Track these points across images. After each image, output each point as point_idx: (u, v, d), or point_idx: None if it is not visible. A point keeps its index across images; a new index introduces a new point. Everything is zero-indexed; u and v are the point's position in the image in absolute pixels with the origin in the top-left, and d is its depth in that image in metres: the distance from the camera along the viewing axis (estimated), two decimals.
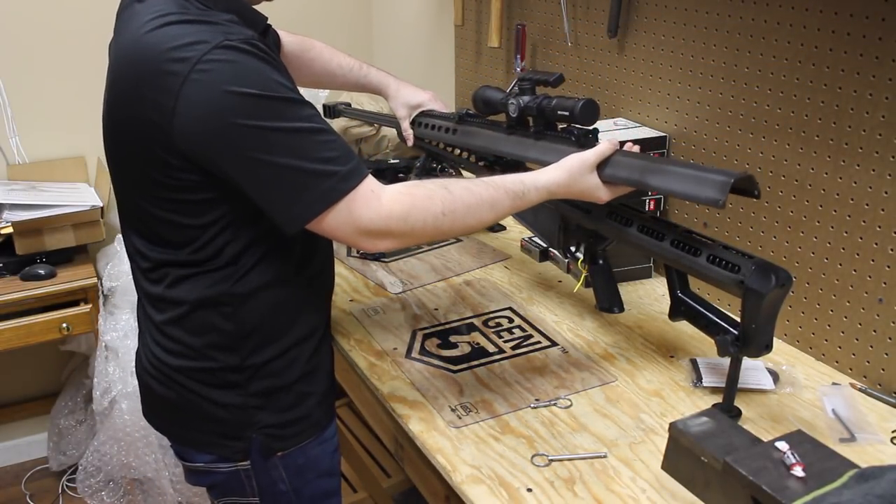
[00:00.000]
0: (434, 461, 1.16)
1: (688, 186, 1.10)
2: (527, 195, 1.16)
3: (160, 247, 1.15)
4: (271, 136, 1.01)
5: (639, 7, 1.65)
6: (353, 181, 1.04)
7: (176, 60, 1.00)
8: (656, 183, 1.14)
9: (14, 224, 2.15)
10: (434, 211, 1.08)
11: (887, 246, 1.24)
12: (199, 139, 1.01)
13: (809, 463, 0.87)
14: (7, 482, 2.64)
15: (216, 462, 1.24)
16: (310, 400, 1.25)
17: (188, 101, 0.99)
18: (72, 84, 2.43)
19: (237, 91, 0.99)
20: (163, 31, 1.02)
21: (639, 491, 1.07)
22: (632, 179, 1.17)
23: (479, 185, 1.14)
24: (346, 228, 1.05)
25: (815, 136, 1.32)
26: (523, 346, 1.43)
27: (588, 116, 1.24)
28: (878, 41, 1.20)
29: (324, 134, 1.04)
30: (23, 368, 2.64)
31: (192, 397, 1.20)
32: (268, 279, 1.17)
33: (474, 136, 1.45)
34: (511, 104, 1.35)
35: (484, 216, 1.13)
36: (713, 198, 1.06)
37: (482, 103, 1.44)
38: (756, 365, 1.31)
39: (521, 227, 1.77)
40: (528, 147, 1.33)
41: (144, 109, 1.03)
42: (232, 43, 1.01)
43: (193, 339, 1.17)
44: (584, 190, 1.19)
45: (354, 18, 2.85)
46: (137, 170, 1.10)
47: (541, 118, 1.32)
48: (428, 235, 1.11)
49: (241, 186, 1.05)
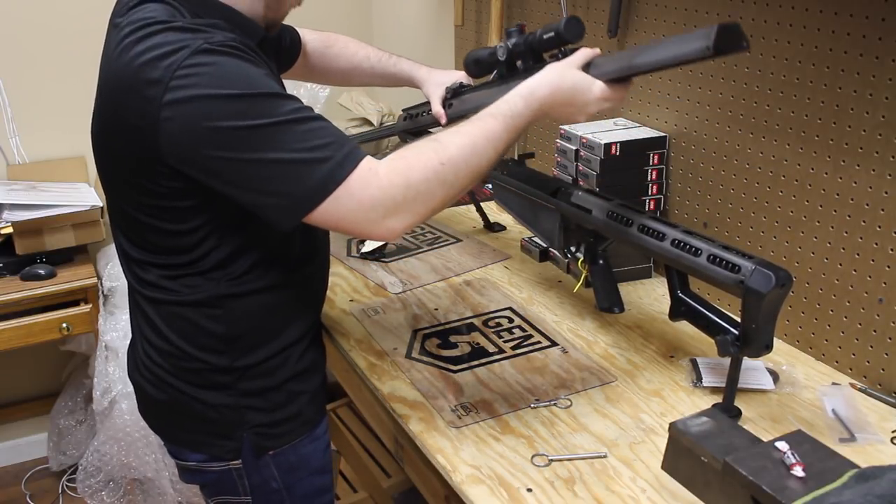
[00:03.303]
0: (434, 461, 1.16)
1: (674, 49, 1.04)
2: (515, 110, 1.08)
3: (147, 251, 1.15)
4: (257, 134, 0.98)
5: (639, 7, 1.65)
6: (350, 165, 1.00)
7: (157, 68, 0.98)
8: (645, 60, 1.08)
9: (14, 224, 2.15)
10: (432, 165, 1.02)
11: (887, 246, 1.24)
12: (186, 146, 1.00)
13: (809, 463, 0.87)
14: (7, 482, 2.64)
15: (208, 461, 1.24)
16: (301, 398, 1.25)
17: (171, 108, 0.98)
18: (72, 84, 2.43)
19: (218, 94, 0.98)
20: (147, 40, 1.01)
21: (639, 491, 1.07)
22: (621, 67, 1.11)
23: (466, 124, 1.08)
24: (352, 215, 1.01)
25: (815, 136, 1.32)
26: (523, 346, 1.43)
27: (573, 32, 1.19)
28: (878, 41, 1.20)
29: (312, 122, 1.01)
30: (23, 368, 2.64)
31: (182, 398, 1.20)
32: (262, 284, 1.16)
33: (468, 102, 1.43)
34: (500, 48, 1.31)
35: (483, 150, 1.05)
36: (702, 45, 1.00)
37: (473, 65, 1.40)
38: (756, 365, 1.31)
39: (521, 227, 1.77)
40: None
41: (130, 118, 1.02)
42: (211, 46, 0.99)
43: (183, 341, 1.17)
44: (575, 86, 1.11)
45: (354, 18, 2.85)
46: (124, 176, 1.10)
47: (530, 54, 1.27)
48: (437, 195, 1.03)
49: (228, 190, 1.02)
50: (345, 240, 1.89)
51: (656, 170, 1.62)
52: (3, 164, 2.44)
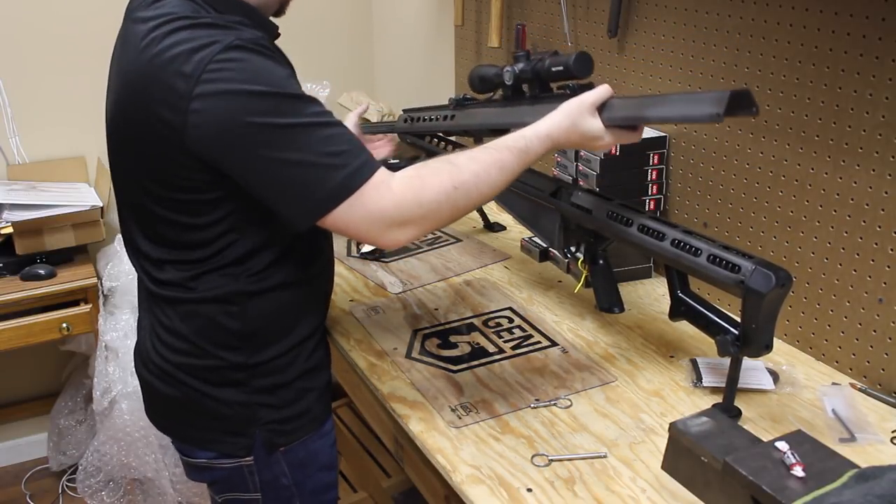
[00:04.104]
0: (434, 461, 1.16)
1: (685, 108, 1.08)
2: (530, 147, 1.14)
3: (165, 248, 1.16)
4: (282, 133, 1.01)
5: (639, 7, 1.65)
6: (365, 174, 1.03)
7: (188, 62, 1.01)
8: (655, 113, 1.12)
9: (14, 224, 2.15)
10: (445, 187, 1.06)
11: (887, 246, 1.24)
12: (212, 138, 1.02)
13: (809, 463, 0.87)
14: (7, 482, 2.64)
15: (218, 458, 1.25)
16: (310, 395, 1.26)
17: (201, 100, 1.00)
18: (72, 84, 2.43)
19: (248, 90, 1.00)
20: (176, 34, 1.03)
21: (639, 491, 1.07)
22: (631, 116, 1.14)
23: (482, 151, 1.12)
24: (362, 223, 1.04)
25: (815, 136, 1.32)
26: (523, 346, 1.43)
27: (583, 68, 1.21)
28: (878, 41, 1.20)
29: (333, 128, 1.05)
30: (23, 368, 2.64)
31: (195, 395, 1.21)
32: (277, 281, 1.18)
33: (472, 117, 1.44)
34: (507, 72, 1.33)
35: (495, 180, 1.11)
36: (712, 112, 1.03)
37: (479, 81, 1.42)
38: (756, 365, 1.31)
39: (521, 227, 1.77)
40: (525, 113, 1.30)
41: (156, 109, 1.04)
42: (242, 43, 1.02)
43: (198, 338, 1.18)
44: (586, 132, 1.16)
45: (354, 18, 2.85)
46: (144, 170, 1.11)
47: (536, 81, 1.30)
48: (445, 214, 1.08)
49: (250, 185, 1.05)
50: (344, 240, 1.89)
51: (656, 170, 1.62)
52: (3, 164, 2.44)
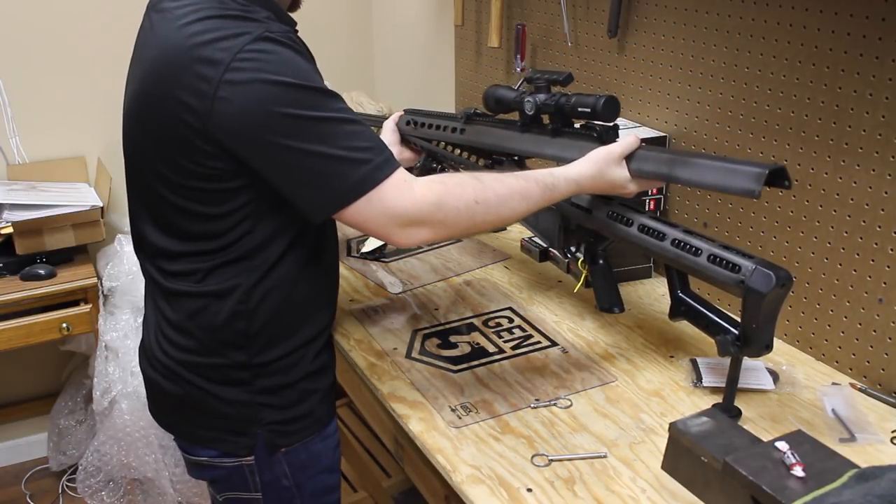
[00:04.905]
0: (434, 461, 1.16)
1: (721, 178, 1.10)
2: (557, 187, 1.17)
3: (177, 238, 1.16)
4: (308, 125, 1.03)
5: (639, 7, 1.65)
6: (386, 171, 1.05)
7: (218, 49, 1.02)
8: (686, 175, 1.14)
9: (14, 224, 2.15)
10: (467, 199, 1.09)
11: (887, 246, 1.24)
12: (237, 126, 1.03)
13: (809, 463, 0.87)
14: (7, 482, 2.64)
15: (220, 457, 1.25)
16: (313, 397, 1.26)
17: (229, 87, 1.01)
18: (72, 84, 2.43)
19: (277, 80, 1.02)
20: (204, 22, 1.05)
21: (639, 491, 1.07)
22: (660, 173, 1.18)
23: (510, 177, 1.15)
24: (379, 219, 1.06)
25: (815, 136, 1.32)
26: (523, 346, 1.43)
27: (610, 113, 1.24)
28: (878, 41, 1.20)
29: (356, 125, 1.06)
30: (23, 368, 2.64)
31: (198, 393, 1.21)
32: (285, 278, 1.18)
33: (484, 135, 1.45)
34: (528, 102, 1.35)
35: (516, 206, 1.14)
36: (749, 188, 1.06)
37: (494, 102, 1.43)
38: (756, 365, 1.31)
39: (521, 227, 1.77)
40: (544, 144, 1.34)
41: (181, 95, 1.04)
42: (272, 35, 1.04)
43: (204, 335, 1.18)
44: (613, 182, 1.20)
45: (354, 18, 2.85)
46: (161, 157, 1.11)
47: (558, 115, 1.32)
48: (462, 225, 1.11)
49: (270, 176, 1.06)
50: (344, 240, 1.89)
51: None
52: (3, 164, 2.44)
